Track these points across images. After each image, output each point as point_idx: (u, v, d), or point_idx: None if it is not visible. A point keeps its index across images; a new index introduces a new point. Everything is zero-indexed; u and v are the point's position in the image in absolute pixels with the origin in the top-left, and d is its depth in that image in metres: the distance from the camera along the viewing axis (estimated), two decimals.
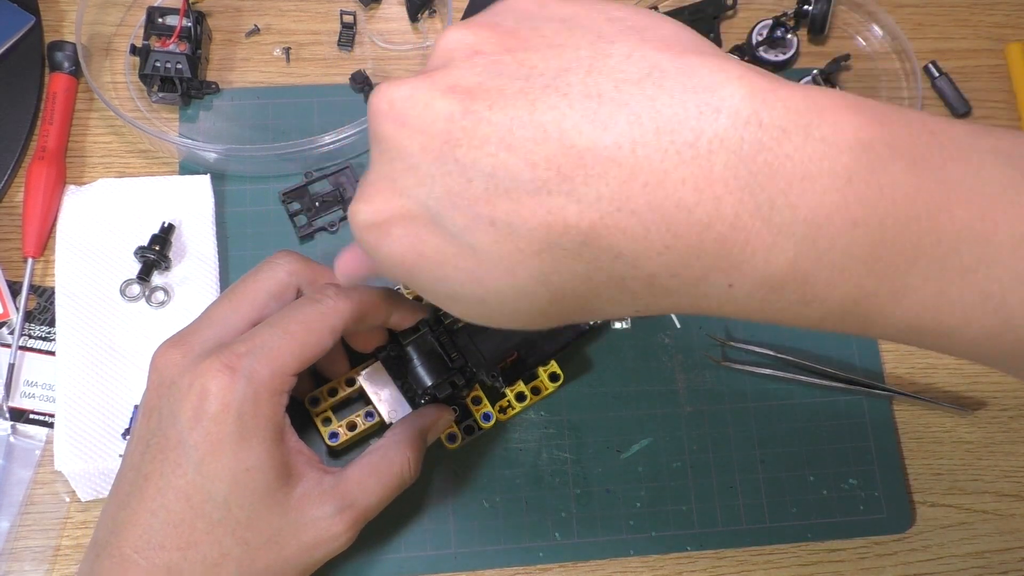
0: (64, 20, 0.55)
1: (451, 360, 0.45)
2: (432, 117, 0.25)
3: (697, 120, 0.24)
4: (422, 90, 0.26)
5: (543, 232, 0.25)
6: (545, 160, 0.24)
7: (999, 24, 0.60)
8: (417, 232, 0.27)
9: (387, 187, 0.27)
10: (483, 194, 0.25)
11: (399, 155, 0.26)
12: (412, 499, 0.47)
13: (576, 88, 0.24)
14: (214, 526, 0.37)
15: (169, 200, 0.50)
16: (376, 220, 0.27)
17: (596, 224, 0.24)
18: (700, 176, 0.23)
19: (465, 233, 0.25)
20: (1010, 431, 0.52)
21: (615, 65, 0.25)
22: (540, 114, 0.24)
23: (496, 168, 0.24)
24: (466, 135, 0.25)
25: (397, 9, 0.57)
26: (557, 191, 0.24)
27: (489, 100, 0.25)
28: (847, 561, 0.49)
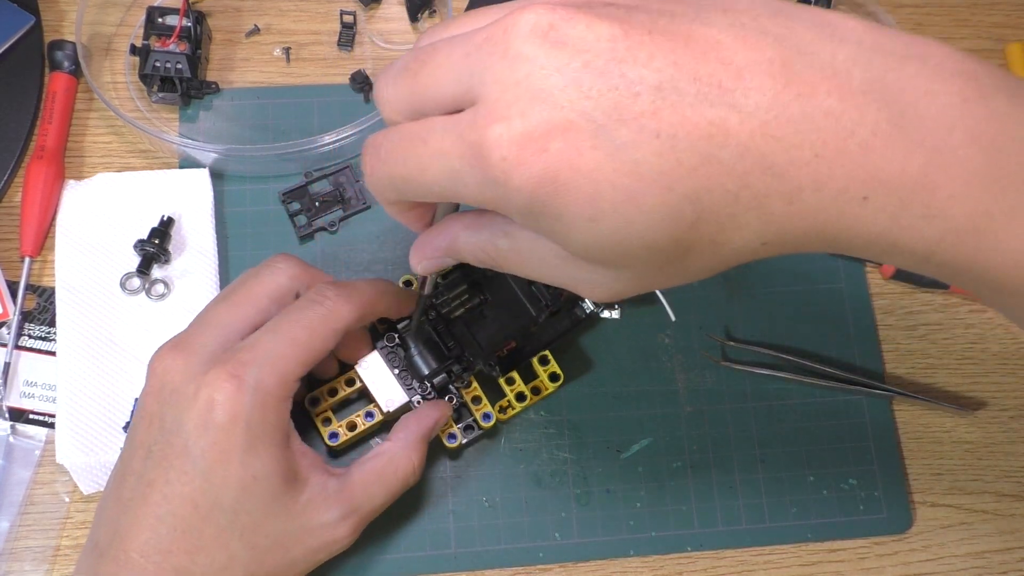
0: (64, 20, 0.55)
1: (448, 349, 0.45)
2: (595, 37, 0.26)
3: (831, 44, 0.26)
4: (579, 15, 0.26)
5: (705, 143, 0.26)
6: (708, 75, 0.26)
7: (999, 24, 0.60)
8: (579, 145, 0.26)
9: (544, 99, 0.26)
10: (650, 107, 0.25)
11: (558, 72, 0.26)
12: (412, 499, 0.47)
13: (719, 21, 0.27)
14: (222, 531, 0.37)
15: (168, 194, 0.50)
16: (533, 132, 0.26)
17: (755, 132, 0.26)
18: (843, 88, 0.26)
19: (629, 147, 0.26)
20: (1010, 431, 0.52)
21: (746, 7, 0.27)
22: (696, 37, 0.26)
23: (662, 82, 0.25)
24: (631, 53, 0.26)
25: (397, 9, 0.57)
26: (720, 103, 0.25)
27: (648, 25, 0.26)
28: (847, 561, 0.49)
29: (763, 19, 0.27)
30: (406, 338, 0.45)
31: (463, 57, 0.28)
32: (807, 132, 0.26)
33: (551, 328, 0.47)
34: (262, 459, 0.37)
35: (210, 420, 0.36)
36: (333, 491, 0.40)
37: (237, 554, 0.37)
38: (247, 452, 0.37)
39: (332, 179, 0.52)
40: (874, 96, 0.26)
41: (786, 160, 0.26)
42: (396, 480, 0.42)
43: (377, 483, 0.41)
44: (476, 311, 0.46)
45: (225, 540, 0.37)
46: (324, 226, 0.51)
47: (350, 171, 0.52)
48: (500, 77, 0.27)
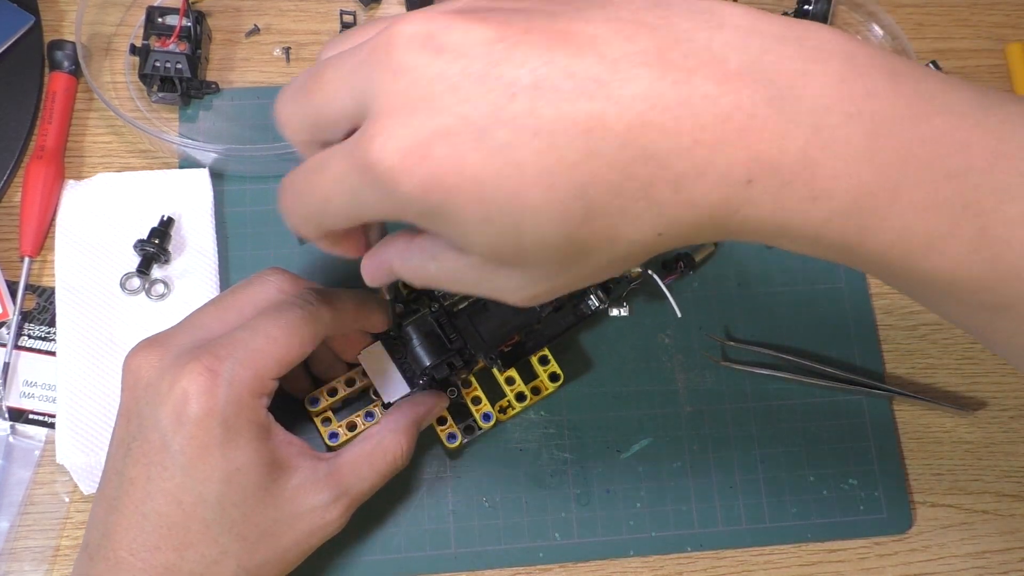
0: (64, 20, 0.55)
1: (450, 341, 0.45)
2: (472, 41, 0.26)
3: (707, 30, 0.27)
4: (457, 20, 0.27)
5: (584, 138, 0.26)
6: (583, 70, 0.26)
7: (999, 24, 0.60)
8: (461, 149, 0.26)
9: (423, 108, 0.26)
10: (526, 106, 0.26)
11: (437, 79, 0.26)
12: (412, 499, 0.47)
13: (597, 16, 0.27)
14: (209, 526, 0.37)
15: (168, 194, 0.50)
16: (415, 141, 0.26)
17: (633, 123, 0.26)
18: (719, 72, 0.26)
19: (509, 147, 0.26)
20: (1010, 431, 0.52)
21: (624, 1, 0.28)
22: (572, 33, 0.26)
23: (538, 81, 0.26)
24: (507, 54, 0.26)
25: (397, 9, 0.57)
26: (596, 96, 0.26)
27: (525, 25, 0.27)
28: (847, 561, 0.49)
29: (641, 12, 0.27)
30: (409, 330, 0.45)
31: (350, 72, 0.28)
32: (685, 118, 0.26)
33: (554, 323, 0.47)
34: (242, 450, 0.37)
35: (185, 414, 0.36)
36: (323, 475, 0.40)
37: (227, 547, 0.37)
38: (226, 445, 0.37)
39: None
40: (751, 78, 0.26)
41: (666, 148, 0.26)
42: (385, 462, 0.42)
43: (366, 465, 0.41)
44: (479, 304, 0.46)
45: (213, 534, 0.37)
46: None
47: None
48: (384, 89, 0.27)
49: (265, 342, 0.38)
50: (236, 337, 0.38)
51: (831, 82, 0.26)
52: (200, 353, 0.37)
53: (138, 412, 0.37)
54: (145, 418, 0.37)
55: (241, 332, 0.38)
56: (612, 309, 0.50)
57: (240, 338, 0.38)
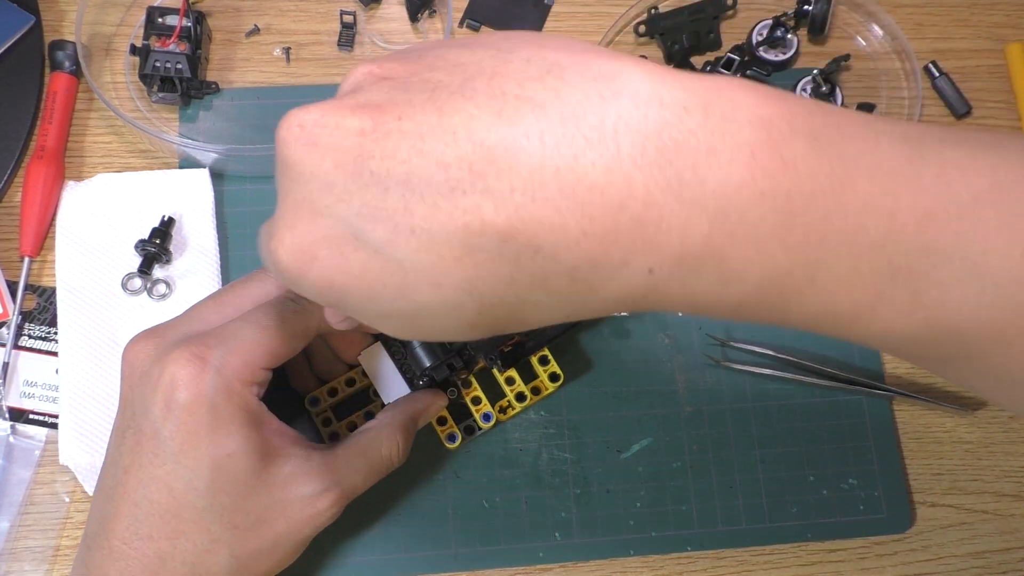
0: (64, 20, 0.55)
1: (450, 342, 0.45)
2: (343, 134, 0.25)
3: (600, 104, 0.24)
4: (331, 111, 0.26)
5: (462, 234, 0.24)
6: (456, 160, 0.24)
7: (999, 24, 0.60)
8: (342, 251, 0.26)
9: (305, 211, 0.26)
10: (400, 202, 0.25)
11: (313, 176, 0.26)
12: (412, 499, 0.47)
13: (481, 91, 0.25)
14: (201, 514, 0.37)
15: (168, 194, 0.50)
16: (300, 245, 0.27)
17: (512, 217, 0.24)
18: (608, 157, 0.24)
19: (388, 246, 0.25)
20: (1010, 431, 0.52)
21: (516, 68, 0.25)
22: (448, 117, 0.25)
23: (410, 174, 0.24)
24: (378, 146, 0.25)
25: (397, 9, 0.57)
26: (471, 189, 0.24)
27: (398, 112, 0.25)
28: (847, 561, 0.49)
29: (529, 83, 0.25)
30: None
31: None
32: (569, 211, 0.24)
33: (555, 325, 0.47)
34: (232, 438, 0.37)
35: (173, 401, 0.36)
36: (315, 464, 0.39)
37: (219, 535, 0.37)
38: (214, 431, 0.37)
39: None
40: (646, 160, 0.24)
41: (552, 242, 0.24)
42: (379, 457, 0.42)
43: (361, 459, 0.41)
44: None
45: (205, 523, 0.37)
46: None
47: None
48: (279, 186, 0.27)
49: (256, 331, 0.38)
50: (228, 328, 0.38)
51: (741, 158, 0.24)
52: (190, 342, 0.37)
53: (132, 401, 0.38)
54: (138, 407, 0.37)
55: (233, 323, 0.39)
56: None
57: (231, 328, 0.38)
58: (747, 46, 0.56)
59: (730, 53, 0.56)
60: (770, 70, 0.56)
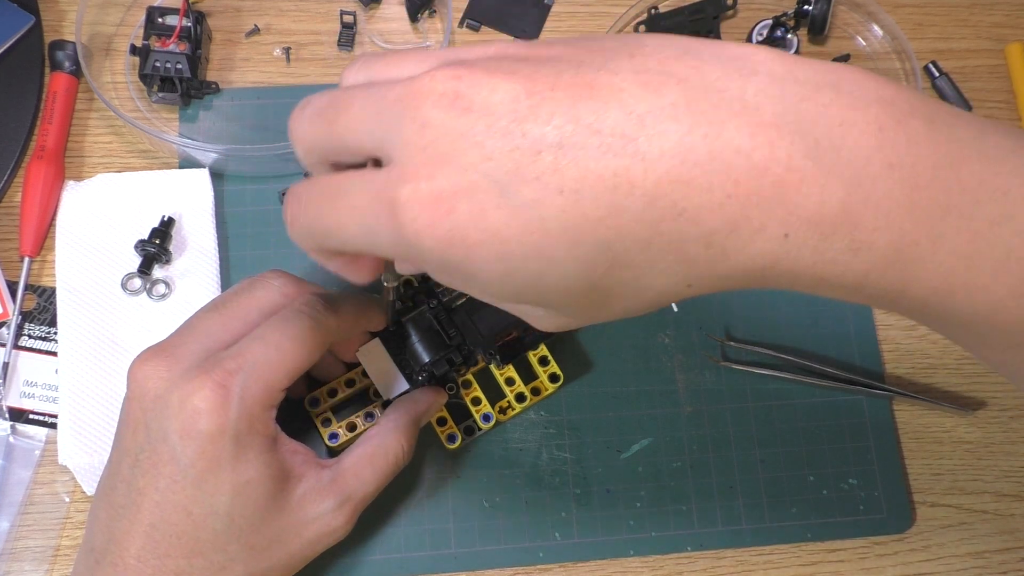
0: (64, 20, 0.55)
1: (449, 337, 0.45)
2: (499, 99, 0.26)
3: (739, 79, 0.26)
4: (484, 76, 0.27)
5: (610, 195, 0.25)
6: (609, 127, 0.25)
7: (999, 24, 0.60)
8: (484, 206, 0.26)
9: (449, 162, 0.26)
10: (551, 165, 0.25)
11: (461, 135, 0.26)
12: (412, 499, 0.47)
13: (625, 68, 0.26)
14: (218, 535, 0.37)
15: (168, 194, 0.50)
16: (438, 196, 0.26)
17: (661, 179, 0.25)
18: (753, 123, 0.25)
19: (534, 205, 0.26)
20: (1010, 431, 0.52)
21: (652, 49, 0.27)
22: (598, 90, 0.26)
23: (563, 138, 0.25)
24: (532, 112, 0.26)
25: (397, 9, 0.57)
26: (622, 152, 0.25)
27: (551, 80, 0.26)
28: (847, 561, 0.49)
29: (669, 62, 0.26)
30: (407, 326, 0.46)
31: (376, 115, 0.28)
32: (716, 173, 0.25)
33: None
34: (252, 465, 0.37)
35: (196, 429, 0.36)
36: (326, 481, 0.40)
37: (235, 555, 0.38)
38: (236, 460, 0.37)
39: None
40: (787, 129, 0.25)
41: (696, 204, 0.25)
42: (387, 464, 0.42)
43: (368, 468, 0.42)
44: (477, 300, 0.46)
45: (222, 543, 0.37)
46: None
47: None
48: (409, 141, 0.27)
49: (275, 354, 0.38)
50: (245, 349, 0.38)
51: (870, 131, 0.26)
52: (210, 367, 0.37)
53: (146, 424, 0.37)
54: (153, 431, 0.37)
55: (249, 343, 0.38)
56: None
57: (249, 350, 0.38)
58: None
59: None
60: None
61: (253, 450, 0.37)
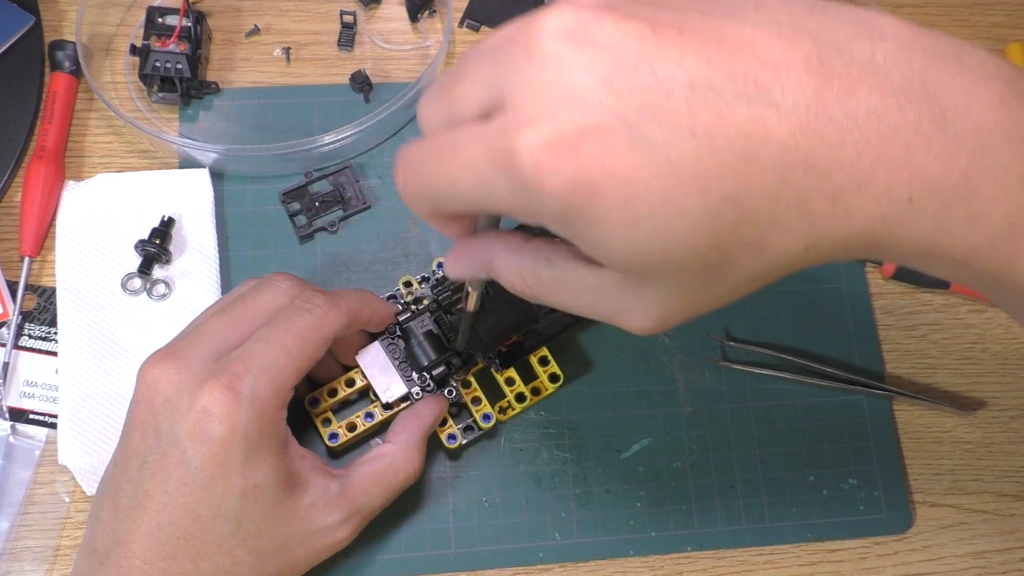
0: (64, 20, 0.55)
1: (448, 341, 0.45)
2: (623, 36, 0.25)
3: (869, 41, 0.26)
4: (605, 14, 0.26)
5: (743, 142, 0.25)
6: (743, 72, 0.25)
7: (999, 24, 0.60)
8: (611, 147, 0.25)
9: (573, 101, 0.25)
10: (684, 106, 0.25)
11: (586, 71, 0.25)
12: (412, 499, 0.47)
13: (752, 17, 0.26)
14: (225, 539, 0.37)
15: (168, 194, 0.50)
16: (563, 135, 0.25)
17: (795, 131, 0.25)
18: (884, 86, 0.25)
19: (664, 147, 0.25)
20: (1010, 431, 0.52)
21: (780, 3, 0.26)
22: (728, 34, 0.25)
23: (696, 80, 0.25)
24: (661, 51, 0.25)
25: (397, 9, 0.57)
26: (757, 100, 0.25)
27: (677, 24, 0.25)
28: (847, 561, 0.49)
29: (798, 16, 0.26)
30: (407, 330, 0.46)
31: (493, 64, 0.27)
32: (849, 131, 0.25)
33: (553, 323, 0.47)
34: (262, 468, 0.37)
35: (207, 432, 0.36)
36: (335, 494, 0.40)
37: (241, 559, 0.38)
38: (246, 463, 0.37)
39: (332, 179, 0.52)
40: (915, 95, 0.25)
41: (828, 159, 0.25)
42: (397, 482, 0.43)
43: (379, 485, 0.42)
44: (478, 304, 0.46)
45: (229, 547, 0.37)
46: (324, 226, 0.51)
47: (350, 171, 0.52)
48: (527, 79, 0.26)
49: (282, 354, 0.38)
50: (252, 351, 0.38)
51: (994, 103, 0.26)
52: (219, 370, 0.37)
53: (155, 426, 0.37)
54: (163, 433, 0.37)
55: (255, 345, 0.38)
56: None
57: (256, 352, 0.38)
58: None
59: None
60: None
61: (263, 453, 0.37)
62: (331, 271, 0.51)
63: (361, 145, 0.53)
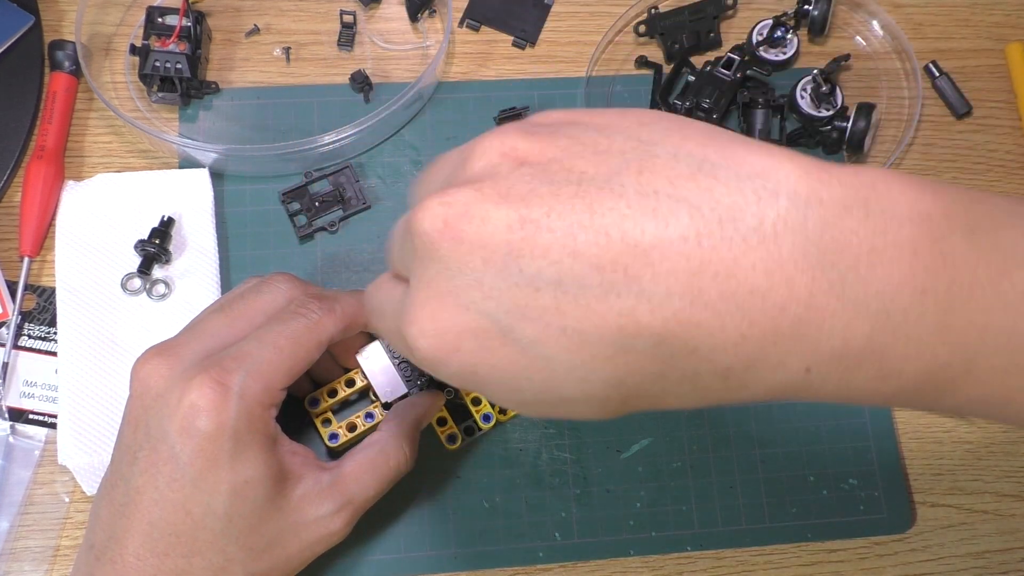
0: (64, 20, 0.55)
1: None
2: (491, 230, 0.25)
3: (758, 205, 0.24)
4: (475, 202, 0.25)
5: (616, 335, 0.24)
6: (611, 262, 0.24)
7: (999, 24, 0.60)
8: (488, 345, 0.26)
9: (451, 302, 0.26)
10: (552, 303, 0.25)
11: (460, 271, 0.26)
12: (412, 499, 0.47)
13: (631, 188, 0.24)
14: (217, 536, 0.37)
15: (168, 194, 0.50)
16: (444, 336, 0.27)
17: (669, 321, 0.24)
18: (770, 259, 0.24)
19: (537, 344, 0.25)
20: (1010, 431, 0.52)
21: (664, 164, 0.25)
22: (600, 216, 0.24)
23: (562, 275, 0.24)
24: (527, 244, 0.25)
25: (397, 9, 0.57)
26: (627, 292, 0.24)
27: (546, 207, 0.25)
28: (847, 561, 0.49)
29: (680, 182, 0.24)
30: None
31: (400, 247, 0.30)
32: (729, 314, 0.24)
33: None
34: (251, 463, 0.37)
35: (195, 427, 0.36)
36: (326, 485, 0.40)
37: (233, 556, 0.38)
38: (235, 459, 0.37)
39: (332, 179, 0.52)
40: (808, 263, 0.23)
41: (709, 345, 0.24)
42: (388, 469, 0.42)
43: (370, 474, 0.41)
44: None
45: (221, 544, 0.37)
46: (324, 226, 0.51)
47: (350, 171, 0.52)
48: (415, 275, 0.28)
49: (274, 353, 0.38)
50: (244, 349, 0.38)
51: (903, 256, 0.24)
52: (209, 365, 0.37)
53: (146, 422, 0.37)
54: (153, 428, 0.37)
55: (249, 344, 0.38)
56: None
57: (248, 350, 0.38)
58: (747, 46, 0.56)
59: (730, 53, 0.56)
60: (770, 70, 0.56)
61: (252, 449, 0.37)
62: (331, 271, 0.51)
63: (361, 145, 0.53)
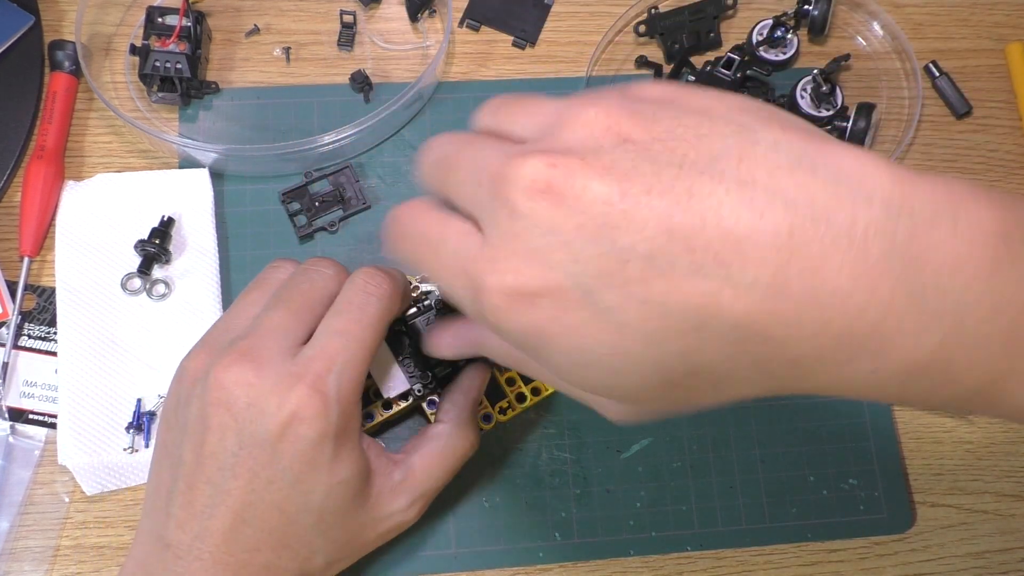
0: (64, 20, 0.55)
1: None
2: (591, 199, 0.25)
3: (852, 208, 0.24)
4: (580, 172, 0.26)
5: (695, 313, 0.25)
6: (703, 246, 0.24)
7: (999, 24, 0.60)
8: (565, 305, 0.26)
9: (536, 259, 0.26)
10: (638, 275, 0.25)
11: (551, 231, 0.26)
12: None
13: (730, 175, 0.25)
14: (307, 531, 0.38)
15: (168, 194, 0.50)
16: (524, 289, 0.27)
17: (750, 309, 0.24)
18: (857, 263, 0.24)
19: (614, 310, 0.26)
20: (1010, 431, 0.52)
21: (764, 153, 0.25)
22: (697, 201, 0.25)
23: (654, 251, 0.25)
24: (624, 219, 0.25)
25: (397, 9, 0.57)
26: (713, 275, 0.24)
27: (647, 185, 0.25)
28: (847, 561, 0.49)
29: (780, 175, 0.25)
30: (412, 326, 0.45)
31: (475, 189, 0.29)
32: (809, 310, 0.24)
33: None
34: (346, 464, 0.38)
35: (298, 435, 0.37)
36: (399, 480, 0.41)
37: (319, 547, 0.39)
38: (334, 460, 0.38)
39: (332, 179, 0.52)
40: (893, 272, 0.24)
41: (785, 334, 0.25)
42: (456, 459, 0.43)
43: (439, 467, 0.43)
44: None
45: (309, 538, 0.38)
46: (324, 226, 0.51)
47: (350, 171, 0.52)
48: (499, 224, 0.27)
49: (358, 348, 0.38)
50: (330, 348, 0.38)
51: (982, 273, 0.24)
52: (302, 372, 0.37)
53: (237, 430, 0.37)
54: (247, 435, 0.37)
55: (332, 341, 0.38)
56: None
57: (334, 348, 0.38)
58: (747, 46, 0.56)
59: (730, 53, 0.56)
60: (770, 70, 0.56)
61: (346, 448, 0.38)
62: None
63: (361, 145, 0.53)
